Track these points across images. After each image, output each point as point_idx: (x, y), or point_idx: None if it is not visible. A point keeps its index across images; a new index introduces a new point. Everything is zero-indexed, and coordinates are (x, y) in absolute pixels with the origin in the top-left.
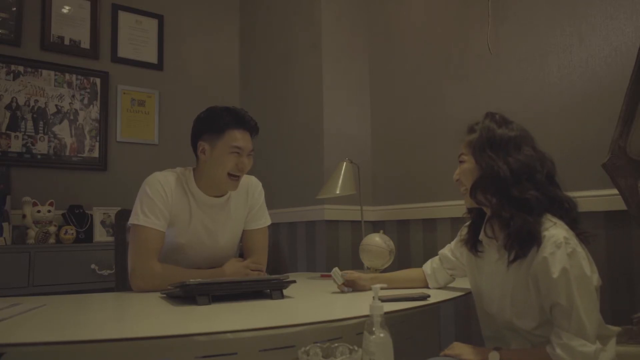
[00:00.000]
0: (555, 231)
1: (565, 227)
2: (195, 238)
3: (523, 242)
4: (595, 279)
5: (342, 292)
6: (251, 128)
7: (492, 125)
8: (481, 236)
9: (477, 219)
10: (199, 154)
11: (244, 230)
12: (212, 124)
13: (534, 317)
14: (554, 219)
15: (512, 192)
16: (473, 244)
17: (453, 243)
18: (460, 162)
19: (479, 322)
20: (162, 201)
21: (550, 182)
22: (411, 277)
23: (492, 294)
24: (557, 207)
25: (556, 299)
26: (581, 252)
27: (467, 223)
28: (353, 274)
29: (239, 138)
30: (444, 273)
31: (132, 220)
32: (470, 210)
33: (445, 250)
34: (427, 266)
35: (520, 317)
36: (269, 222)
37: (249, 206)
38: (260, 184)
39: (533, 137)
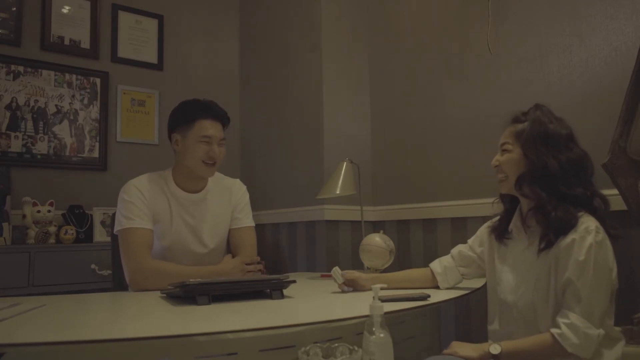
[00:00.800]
0: (588, 220)
1: (595, 219)
2: (179, 236)
3: (560, 231)
4: (614, 276)
5: (343, 291)
6: (220, 117)
7: (544, 118)
8: (512, 225)
9: (509, 208)
10: (173, 146)
11: (230, 230)
12: (183, 116)
13: (552, 305)
14: (583, 212)
15: (560, 188)
16: (501, 232)
17: (471, 240)
18: (504, 150)
19: (488, 315)
20: (141, 202)
21: (590, 180)
22: (415, 277)
23: (514, 282)
24: (592, 204)
25: (574, 279)
26: (609, 244)
27: (495, 219)
28: (353, 274)
29: (208, 127)
30: (456, 272)
31: (117, 227)
32: (503, 199)
33: (461, 248)
34: (437, 265)
35: (540, 303)
36: (253, 224)
37: (233, 205)
38: (244, 186)
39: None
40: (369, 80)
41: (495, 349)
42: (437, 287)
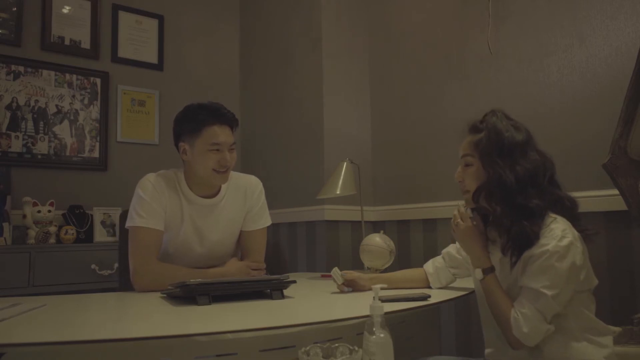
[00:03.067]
0: (554, 225)
1: (566, 221)
2: (186, 238)
3: (521, 247)
4: (582, 276)
5: (342, 292)
6: (229, 121)
7: (499, 126)
8: (488, 233)
9: (483, 218)
10: (182, 155)
11: (242, 231)
12: (189, 123)
13: None
14: (554, 215)
15: (516, 200)
16: None
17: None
18: (466, 164)
19: (481, 324)
20: (156, 201)
21: (551, 182)
22: (411, 277)
23: None
24: (559, 207)
25: (535, 278)
26: (579, 247)
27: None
28: (353, 274)
29: (217, 133)
30: (447, 272)
31: (129, 222)
32: (475, 208)
33: (450, 249)
34: (429, 265)
35: None
36: (268, 223)
37: (247, 208)
38: (260, 185)
39: (533, 136)
40: (369, 80)
41: (479, 274)
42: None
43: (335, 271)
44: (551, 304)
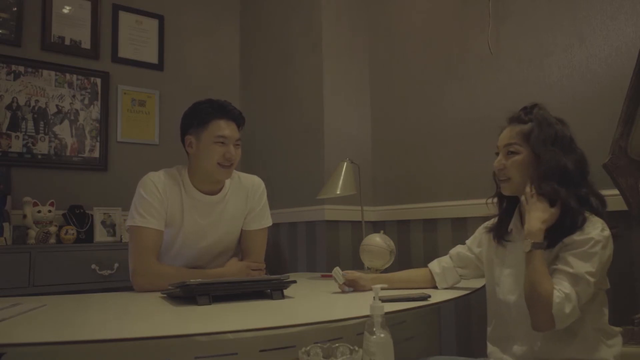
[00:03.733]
0: (593, 218)
1: (599, 218)
2: (188, 235)
3: (569, 230)
4: (606, 277)
5: (343, 291)
6: (235, 117)
7: (550, 119)
8: (512, 225)
9: (507, 209)
10: (187, 148)
11: (242, 230)
12: (197, 116)
13: None
14: (588, 212)
15: (571, 188)
16: (501, 233)
17: (469, 241)
18: (511, 152)
19: (488, 321)
20: (157, 200)
21: (588, 180)
22: (414, 277)
23: (514, 283)
24: (593, 204)
25: (582, 268)
26: (611, 243)
27: (492, 220)
28: (354, 274)
29: (223, 127)
30: (454, 272)
31: (129, 222)
32: (500, 200)
33: (459, 249)
34: (435, 265)
35: None
36: (269, 224)
37: (248, 208)
38: (262, 185)
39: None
40: (369, 80)
41: (527, 245)
42: (436, 287)
43: (337, 271)
44: (589, 291)
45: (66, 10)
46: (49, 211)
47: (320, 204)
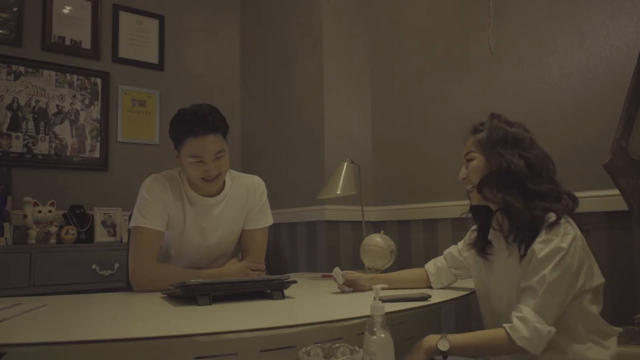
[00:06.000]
0: (559, 221)
1: (568, 217)
2: (189, 237)
3: (531, 231)
4: (592, 275)
5: (343, 292)
6: (212, 129)
7: (503, 124)
8: (490, 235)
9: (484, 221)
10: (176, 159)
11: (243, 230)
12: (173, 133)
13: None
14: (553, 213)
15: (527, 186)
16: (482, 246)
17: (460, 243)
18: (468, 160)
19: (484, 325)
20: (159, 202)
21: (554, 180)
22: (412, 277)
23: (501, 292)
24: (562, 202)
25: (533, 277)
26: (578, 245)
27: (474, 227)
28: (353, 274)
29: (196, 146)
30: (449, 273)
31: (132, 223)
32: (476, 213)
33: (452, 250)
34: (431, 265)
35: None
36: (269, 223)
37: (248, 207)
38: (262, 184)
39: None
40: (370, 80)
41: (443, 345)
42: (432, 287)
43: (337, 271)
44: (557, 299)
45: (66, 10)
46: (50, 211)
47: (321, 204)
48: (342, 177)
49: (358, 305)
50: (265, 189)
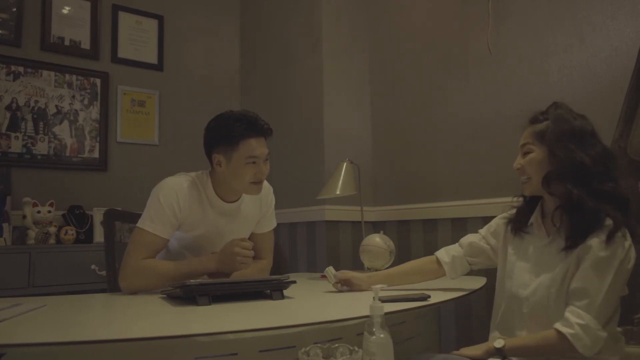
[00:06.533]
0: (617, 224)
1: (624, 222)
2: (207, 240)
3: (589, 229)
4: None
5: (339, 290)
6: (265, 132)
7: (566, 115)
8: (533, 219)
9: (530, 202)
10: (215, 166)
11: (253, 233)
12: (225, 135)
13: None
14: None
15: (593, 184)
16: (520, 225)
17: (484, 230)
18: (526, 152)
19: (493, 313)
20: (172, 210)
21: (616, 177)
22: (416, 268)
23: (528, 277)
24: (621, 201)
25: (593, 280)
26: (633, 251)
27: (509, 212)
28: (346, 273)
29: (254, 147)
30: (464, 262)
31: (139, 223)
32: (524, 195)
33: (472, 237)
34: (443, 254)
35: (555, 302)
36: (275, 224)
37: (262, 211)
38: (271, 189)
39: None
40: (369, 80)
41: (498, 342)
42: (440, 278)
43: (329, 270)
44: (610, 306)
45: (66, 10)
46: (49, 211)
47: (320, 204)
48: (341, 177)
49: (357, 305)
50: (273, 194)
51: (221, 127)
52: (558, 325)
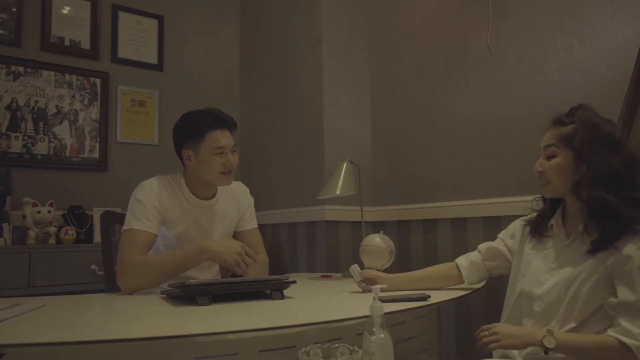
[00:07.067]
0: None
1: None
2: (188, 235)
3: (620, 234)
4: None
5: (363, 290)
6: (228, 125)
7: (595, 120)
8: (553, 221)
9: (550, 206)
10: (185, 161)
11: (237, 232)
12: (191, 130)
13: (587, 310)
14: None
15: (626, 191)
16: (540, 227)
17: (502, 234)
18: (549, 155)
19: (503, 310)
20: (152, 204)
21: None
22: (437, 274)
23: (543, 276)
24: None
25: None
26: None
27: (531, 214)
28: (371, 272)
29: (219, 138)
30: (482, 268)
31: (125, 226)
32: (544, 199)
33: (490, 243)
34: (463, 260)
35: (572, 303)
36: (256, 225)
37: (241, 209)
38: (247, 190)
39: None
40: (369, 80)
41: (549, 342)
42: (461, 284)
43: (354, 268)
44: None
45: (66, 10)
46: (49, 212)
47: (320, 204)
48: (341, 177)
49: (357, 305)
50: (250, 193)
51: (187, 123)
52: (619, 336)
